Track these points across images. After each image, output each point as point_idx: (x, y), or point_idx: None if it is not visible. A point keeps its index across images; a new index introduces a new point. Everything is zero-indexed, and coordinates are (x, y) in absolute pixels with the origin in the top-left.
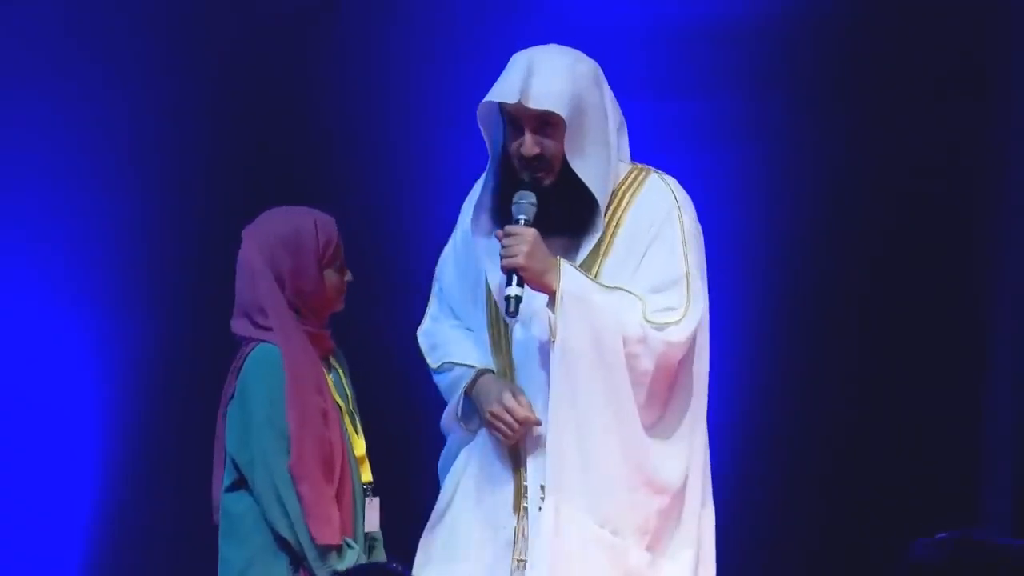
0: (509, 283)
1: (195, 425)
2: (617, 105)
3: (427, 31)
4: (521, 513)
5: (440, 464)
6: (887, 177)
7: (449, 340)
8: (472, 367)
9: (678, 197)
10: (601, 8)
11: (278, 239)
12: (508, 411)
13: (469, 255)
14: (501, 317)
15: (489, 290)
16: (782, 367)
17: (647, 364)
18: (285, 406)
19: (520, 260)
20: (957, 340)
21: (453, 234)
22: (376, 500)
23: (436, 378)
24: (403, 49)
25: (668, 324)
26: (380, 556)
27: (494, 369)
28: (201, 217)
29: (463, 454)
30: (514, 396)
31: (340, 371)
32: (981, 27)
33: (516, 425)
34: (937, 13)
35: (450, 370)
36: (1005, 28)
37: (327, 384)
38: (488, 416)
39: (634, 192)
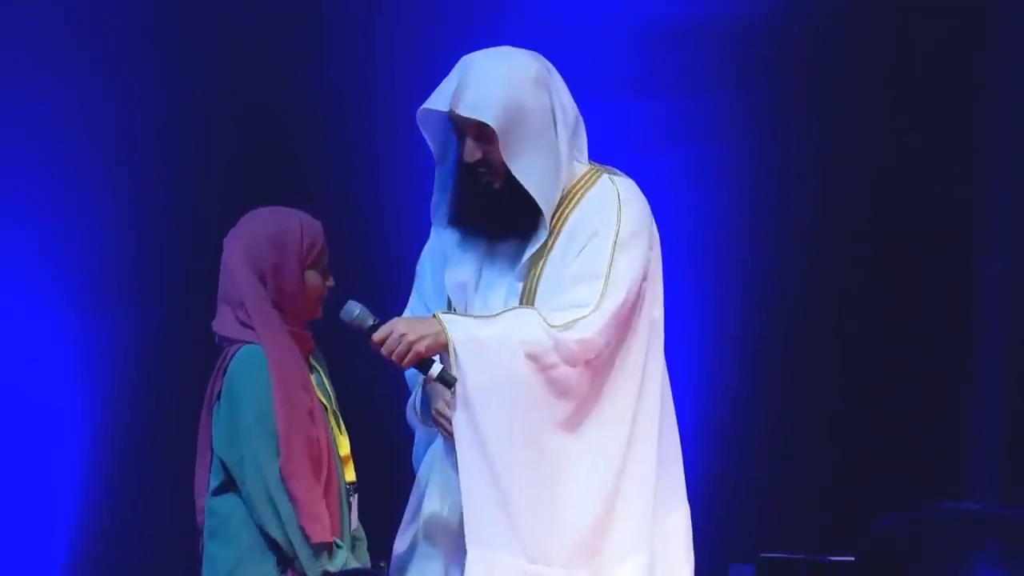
0: (427, 370)
1: (178, 425)
2: (571, 104)
3: (412, 31)
4: None
5: (413, 459)
6: (877, 174)
7: None
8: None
9: (623, 199)
10: (587, 7)
11: (263, 237)
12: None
13: (439, 257)
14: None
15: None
16: (772, 363)
17: (564, 369)
18: (273, 406)
19: (419, 347)
20: (946, 332)
21: (431, 233)
22: (356, 499)
23: (406, 372)
24: (388, 50)
25: (575, 320)
26: (363, 555)
27: None
28: (186, 216)
29: (428, 455)
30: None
31: (321, 371)
32: (973, 21)
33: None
34: (928, 9)
35: None
36: (994, 23)
37: (312, 383)
38: (434, 413)
39: (584, 192)
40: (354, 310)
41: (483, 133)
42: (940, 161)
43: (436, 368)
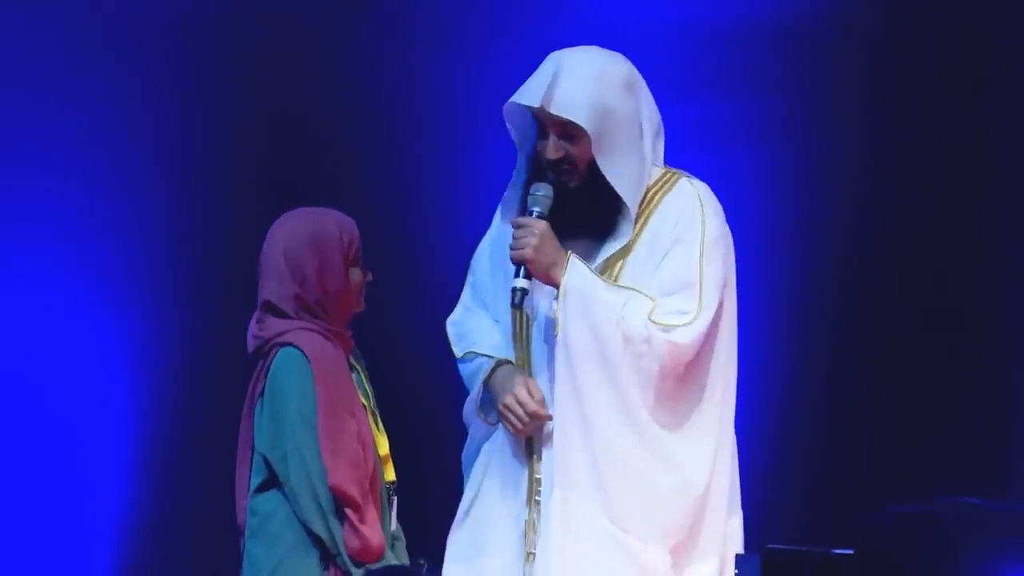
0: (517, 275)
1: (221, 426)
2: (655, 110)
3: (453, 31)
4: (533, 505)
5: (463, 457)
6: (917, 176)
7: (475, 330)
8: (492, 357)
9: (704, 202)
10: (628, 8)
11: (302, 239)
12: (520, 404)
13: (502, 248)
14: (524, 311)
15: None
16: (811, 365)
17: (652, 364)
18: (316, 407)
19: (528, 252)
20: (987, 333)
21: (491, 226)
22: (394, 499)
23: (460, 367)
24: (427, 50)
25: (676, 326)
26: (402, 554)
27: (513, 360)
28: (227, 218)
29: (485, 448)
30: (527, 389)
31: (360, 370)
32: (1017, 23)
33: (526, 418)
34: (969, 12)
35: (472, 359)
36: None
37: (353, 384)
38: (501, 408)
39: (662, 195)
40: (540, 192)
41: (568, 131)
42: (982, 163)
43: (521, 282)
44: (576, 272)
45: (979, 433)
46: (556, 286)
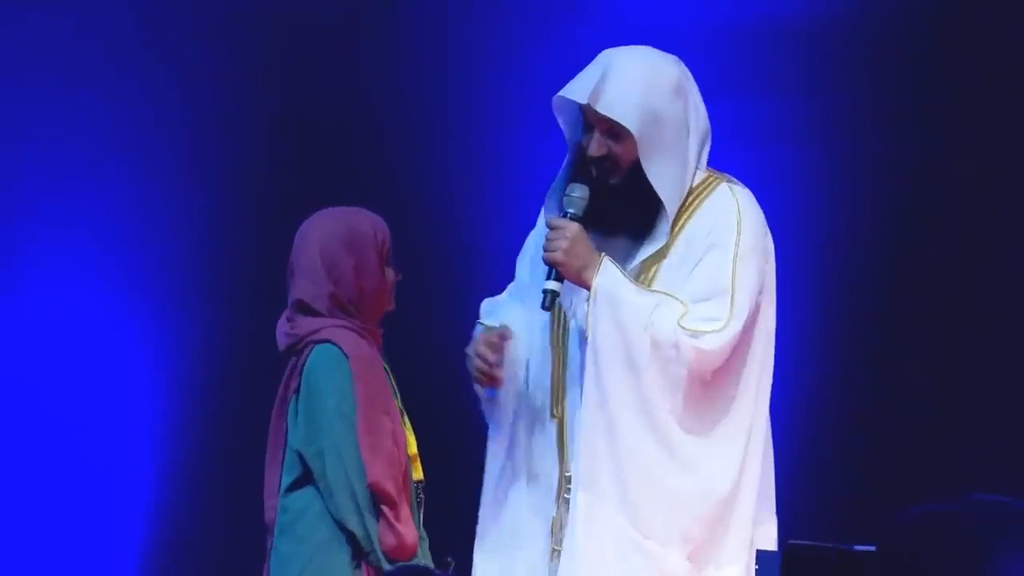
0: (549, 276)
1: (248, 425)
2: (703, 114)
3: (485, 31)
4: (561, 502)
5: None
6: (952, 177)
7: (495, 310)
8: (486, 325)
9: (742, 209)
10: (663, 7)
11: (338, 238)
12: (478, 343)
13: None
14: (562, 308)
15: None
16: (837, 362)
17: (680, 369)
18: (355, 402)
19: (559, 255)
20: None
21: (536, 224)
22: (422, 498)
23: None
24: (459, 50)
25: (706, 332)
26: (426, 553)
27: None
28: (257, 217)
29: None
30: (488, 338)
31: (386, 369)
32: None
33: (475, 359)
34: (1006, 12)
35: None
36: None
37: (388, 383)
38: (469, 366)
39: (702, 200)
40: (575, 193)
41: (614, 131)
42: (1005, 165)
43: (552, 284)
44: (607, 274)
45: (1009, 432)
46: (587, 288)
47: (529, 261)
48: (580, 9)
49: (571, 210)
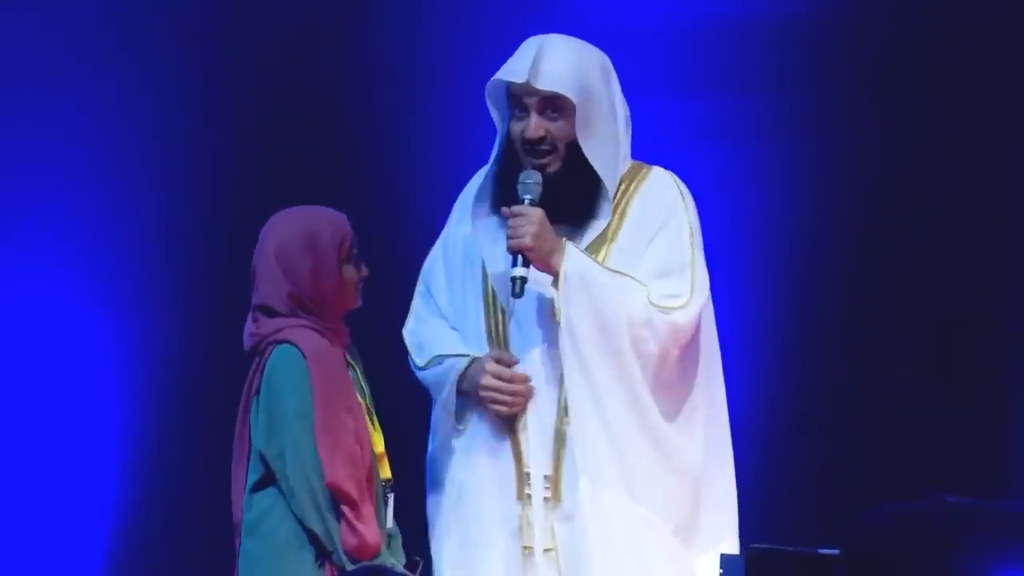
0: (515, 264)
1: (216, 425)
2: (625, 102)
3: (449, 32)
4: (525, 500)
5: (429, 463)
6: (916, 177)
7: (436, 337)
8: (465, 355)
9: (682, 190)
10: (626, 6)
11: (293, 239)
12: (498, 377)
13: (459, 252)
14: (499, 308)
15: (486, 281)
16: (810, 362)
17: (653, 347)
18: (313, 404)
19: (527, 241)
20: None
21: (443, 233)
22: (391, 496)
23: (422, 375)
24: (424, 50)
25: (674, 308)
26: (398, 552)
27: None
28: (224, 217)
29: (458, 450)
30: (497, 360)
31: (356, 367)
32: (1011, 23)
33: (510, 387)
34: (970, 10)
35: (440, 363)
36: None
37: (350, 381)
38: (482, 393)
39: (639, 183)
40: (529, 180)
41: (553, 106)
42: (984, 164)
43: (521, 271)
44: (575, 259)
45: (974, 433)
46: (553, 274)
47: (443, 266)
48: (545, 8)
49: (529, 196)
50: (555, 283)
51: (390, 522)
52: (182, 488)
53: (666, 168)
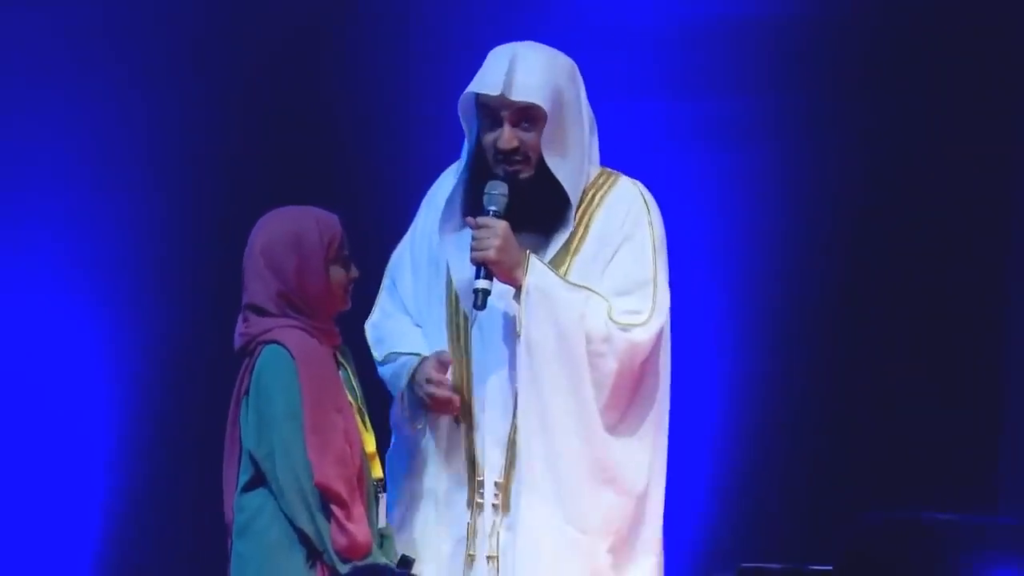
0: (478, 276)
1: (207, 425)
2: (589, 106)
3: (442, 32)
4: (475, 508)
5: (388, 461)
6: (908, 176)
7: (395, 332)
8: (417, 355)
9: (648, 202)
10: (617, 8)
11: (281, 239)
12: (427, 379)
13: (425, 252)
14: (461, 313)
15: (450, 286)
16: (800, 366)
17: (611, 363)
18: (301, 405)
19: (491, 253)
20: (976, 333)
21: (410, 230)
22: (384, 496)
23: (381, 370)
24: (417, 50)
25: (634, 325)
26: (391, 551)
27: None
28: (215, 217)
29: (414, 454)
30: (439, 361)
31: (348, 367)
32: (1007, 21)
33: (435, 391)
34: (959, 10)
35: (395, 360)
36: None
37: (340, 380)
38: (418, 391)
39: (604, 193)
40: (495, 191)
41: (526, 118)
42: (975, 161)
43: (483, 283)
44: (538, 272)
45: (966, 443)
46: (516, 286)
47: (409, 264)
48: (537, 9)
49: (494, 207)
50: (517, 296)
51: (382, 521)
52: (173, 489)
53: (660, 169)
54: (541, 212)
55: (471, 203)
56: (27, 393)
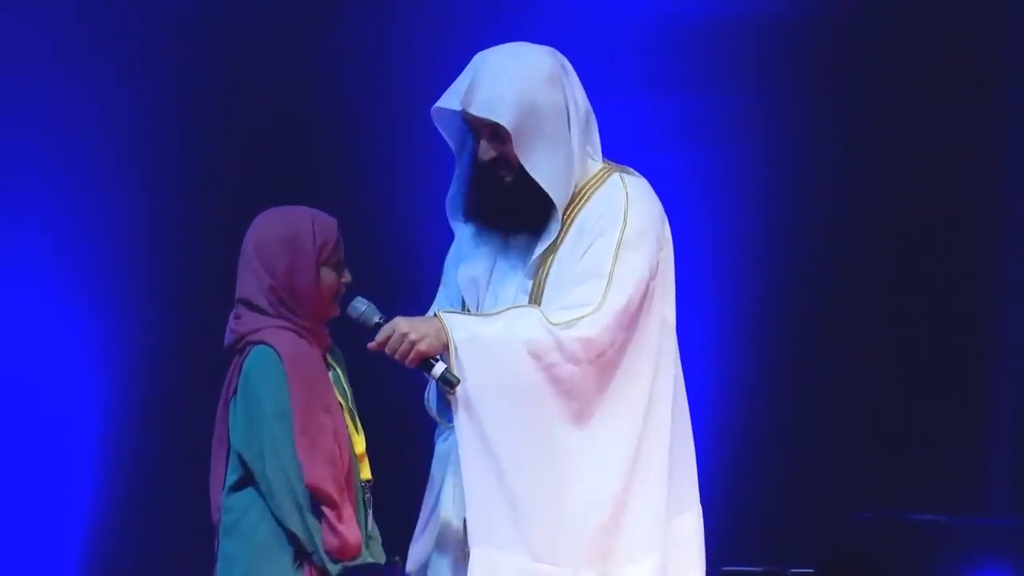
0: (428, 371)
1: (194, 424)
2: (584, 101)
3: (429, 31)
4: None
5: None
6: (896, 173)
7: None
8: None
9: (631, 198)
10: (604, 6)
11: (274, 238)
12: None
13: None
14: (467, 308)
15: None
16: (788, 363)
17: (568, 368)
18: (290, 405)
19: (422, 347)
20: (963, 333)
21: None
22: (370, 497)
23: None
24: (406, 50)
25: (578, 319)
26: (378, 553)
27: None
28: (204, 216)
29: (442, 451)
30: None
31: (338, 368)
32: (991, 19)
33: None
34: (940, 9)
35: None
36: (1007, 23)
37: (329, 381)
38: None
39: (594, 190)
40: (360, 307)
41: (497, 132)
42: (958, 160)
43: (439, 368)
44: (455, 324)
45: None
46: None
47: (456, 261)
48: (526, 8)
49: (376, 318)
50: (445, 357)
51: (370, 523)
52: (159, 488)
53: (647, 168)
54: (530, 212)
55: (471, 203)
56: (12, 393)
